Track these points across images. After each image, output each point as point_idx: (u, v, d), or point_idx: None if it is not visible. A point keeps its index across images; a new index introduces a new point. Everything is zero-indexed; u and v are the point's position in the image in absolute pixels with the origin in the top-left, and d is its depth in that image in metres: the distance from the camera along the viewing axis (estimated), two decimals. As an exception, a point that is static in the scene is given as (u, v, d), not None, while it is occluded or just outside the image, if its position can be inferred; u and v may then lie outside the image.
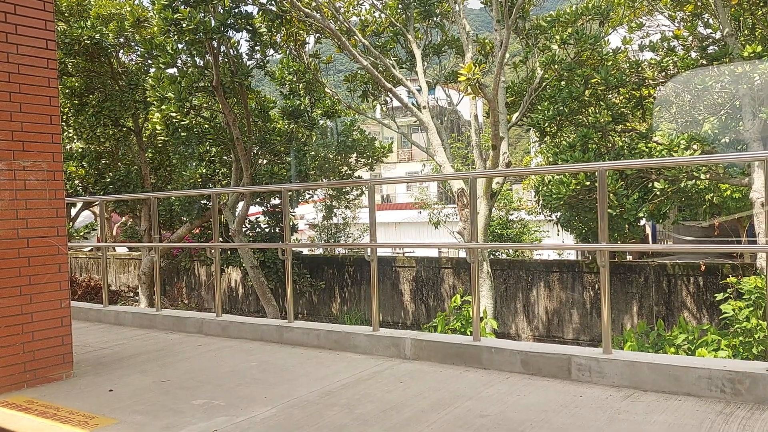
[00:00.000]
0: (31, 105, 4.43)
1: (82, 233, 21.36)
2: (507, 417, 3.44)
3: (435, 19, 14.93)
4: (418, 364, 4.63)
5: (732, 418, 3.27)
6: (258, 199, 16.67)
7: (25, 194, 4.38)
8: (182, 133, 14.35)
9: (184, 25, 12.35)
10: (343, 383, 4.20)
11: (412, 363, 4.66)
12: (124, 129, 16.04)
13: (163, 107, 13.65)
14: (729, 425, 3.18)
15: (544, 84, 12.86)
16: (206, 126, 14.76)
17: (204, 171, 16.40)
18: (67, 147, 16.55)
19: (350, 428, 3.40)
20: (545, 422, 3.35)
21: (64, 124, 15.41)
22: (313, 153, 17.14)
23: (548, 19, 12.81)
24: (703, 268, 12.68)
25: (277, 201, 16.84)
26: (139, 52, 14.97)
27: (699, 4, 10.94)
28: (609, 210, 9.65)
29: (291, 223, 14.31)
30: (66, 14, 14.63)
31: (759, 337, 8.64)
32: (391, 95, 14.29)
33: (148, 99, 14.31)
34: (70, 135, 16.26)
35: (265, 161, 16.22)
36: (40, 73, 4.48)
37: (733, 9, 10.43)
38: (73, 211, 20.12)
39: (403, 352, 4.79)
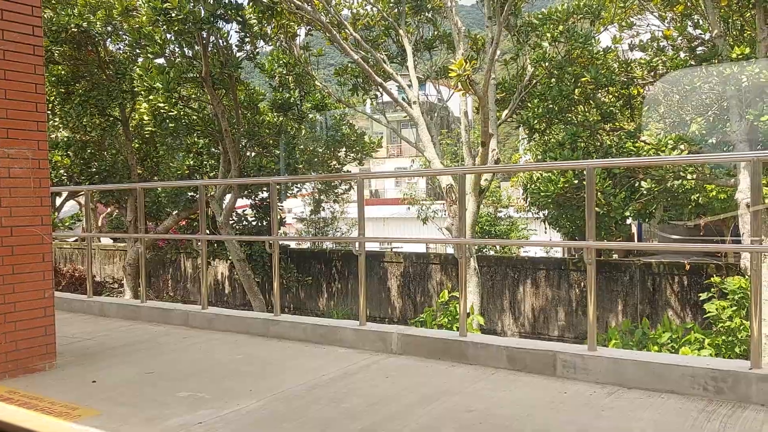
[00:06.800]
0: (16, 92, 4.36)
1: (67, 223, 21.16)
2: (493, 412, 3.45)
3: (427, 14, 14.89)
4: (405, 358, 4.63)
5: (714, 415, 3.30)
6: (246, 192, 16.58)
7: (9, 182, 4.32)
8: (170, 124, 14.22)
9: (173, 15, 12.22)
10: (329, 377, 4.19)
11: (399, 358, 4.66)
12: (111, 118, 15.85)
13: (151, 97, 13.51)
14: (711, 423, 3.21)
15: (535, 81, 12.89)
16: (194, 117, 14.64)
17: (191, 162, 16.28)
18: (53, 136, 16.33)
19: (337, 422, 3.39)
20: (530, 417, 3.37)
21: (49, 112, 15.20)
22: (302, 146, 17.07)
23: (540, 16, 12.81)
24: (687, 267, 12.80)
25: (265, 194, 16.76)
26: (127, 42, 14.80)
27: (689, 4, 11.00)
28: (596, 208, 9.70)
29: (279, 217, 14.25)
30: (53, 1, 14.41)
31: (741, 337, 8.74)
32: (381, 90, 14.24)
33: (135, 89, 14.15)
34: (56, 124, 16.04)
35: (253, 154, 16.13)
36: (26, 60, 4.41)
37: (722, 10, 10.50)
38: (58, 201, 19.89)
39: (390, 346, 4.79)
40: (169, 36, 13.22)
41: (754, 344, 3.60)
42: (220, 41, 13.57)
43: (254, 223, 17.20)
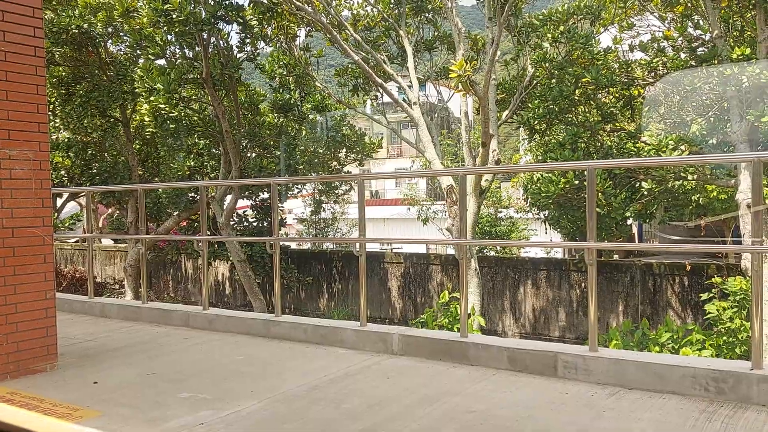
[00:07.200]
0: (17, 93, 4.36)
1: (67, 224, 21.17)
2: (494, 413, 3.45)
3: (427, 14, 14.89)
4: (406, 359, 4.63)
5: (715, 416, 3.30)
6: (246, 193, 16.59)
7: (11, 184, 4.32)
8: (171, 125, 14.23)
9: (173, 16, 12.23)
10: (330, 378, 4.19)
11: (399, 358, 4.66)
12: (112, 120, 15.88)
13: (152, 98, 13.52)
14: (712, 423, 3.21)
15: (535, 82, 12.89)
16: (195, 118, 14.65)
17: (192, 163, 16.29)
18: (54, 137, 16.35)
19: (337, 423, 3.39)
20: (531, 418, 3.37)
21: (50, 113, 15.21)
22: (302, 147, 17.07)
23: (540, 17, 12.83)
24: (688, 267, 12.79)
25: (265, 195, 16.77)
26: (127, 43, 14.82)
27: (689, 5, 11.00)
28: (597, 209, 9.70)
29: (279, 218, 14.25)
30: (54, 3, 14.43)
31: (742, 338, 8.74)
32: (381, 90, 14.25)
33: (136, 90, 14.17)
34: (57, 125, 16.07)
35: (254, 155, 16.14)
36: (28, 61, 4.42)
37: (722, 11, 10.50)
38: (59, 202, 19.91)
39: (390, 347, 4.79)
40: (169, 37, 13.23)
41: (755, 345, 3.60)
42: (221, 42, 13.59)
43: (255, 223, 17.21)
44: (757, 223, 3.65)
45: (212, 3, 12.65)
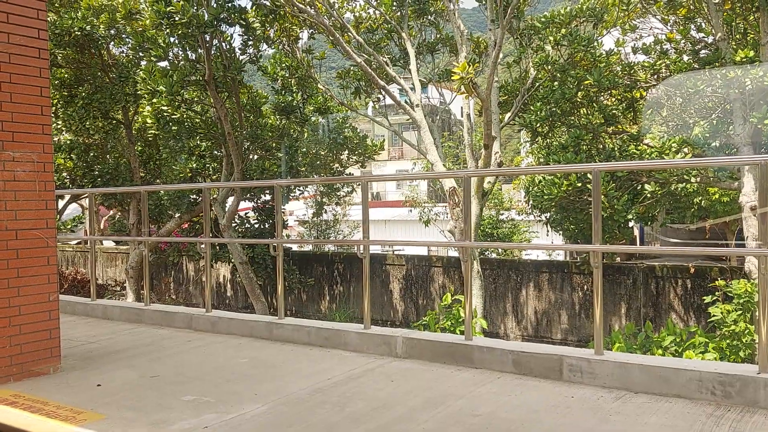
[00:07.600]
0: (21, 95, 4.36)
1: (69, 226, 21.16)
2: (498, 416, 3.44)
3: (429, 17, 14.90)
4: (410, 362, 4.61)
5: (723, 420, 3.28)
6: (248, 195, 16.59)
7: (14, 185, 4.31)
8: (173, 127, 14.24)
9: (176, 18, 12.25)
10: (333, 381, 4.18)
11: (403, 361, 4.65)
12: (114, 122, 15.89)
13: (154, 100, 13.53)
14: (720, 427, 3.19)
15: (537, 84, 12.89)
16: (197, 120, 14.65)
17: (194, 165, 16.29)
18: (56, 139, 16.36)
19: (341, 426, 3.38)
20: (536, 422, 3.35)
21: (53, 115, 15.21)
22: (304, 149, 17.07)
23: (542, 19, 12.82)
24: (692, 270, 12.76)
25: (267, 197, 16.77)
26: (130, 45, 14.84)
27: (692, 8, 10.99)
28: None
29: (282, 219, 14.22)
30: (56, 5, 14.45)
31: (746, 341, 8.71)
32: (383, 93, 14.25)
33: (138, 92, 14.18)
34: (59, 127, 16.08)
35: (256, 157, 16.15)
36: (32, 63, 4.42)
37: (725, 13, 10.49)
38: (61, 204, 19.91)
39: (394, 350, 4.77)
40: (172, 39, 13.26)
41: (762, 348, 3.58)
42: (223, 44, 13.60)
43: (256, 225, 17.21)
44: (764, 226, 3.63)
45: (215, 5, 12.66)
